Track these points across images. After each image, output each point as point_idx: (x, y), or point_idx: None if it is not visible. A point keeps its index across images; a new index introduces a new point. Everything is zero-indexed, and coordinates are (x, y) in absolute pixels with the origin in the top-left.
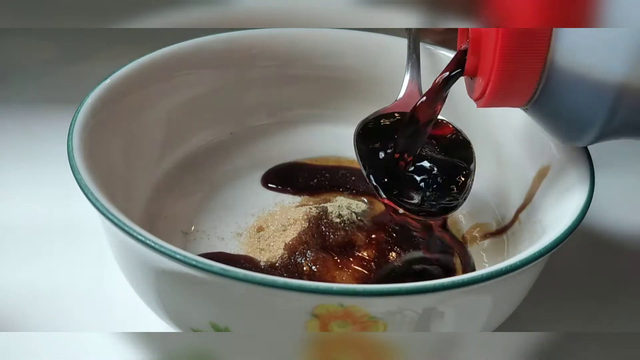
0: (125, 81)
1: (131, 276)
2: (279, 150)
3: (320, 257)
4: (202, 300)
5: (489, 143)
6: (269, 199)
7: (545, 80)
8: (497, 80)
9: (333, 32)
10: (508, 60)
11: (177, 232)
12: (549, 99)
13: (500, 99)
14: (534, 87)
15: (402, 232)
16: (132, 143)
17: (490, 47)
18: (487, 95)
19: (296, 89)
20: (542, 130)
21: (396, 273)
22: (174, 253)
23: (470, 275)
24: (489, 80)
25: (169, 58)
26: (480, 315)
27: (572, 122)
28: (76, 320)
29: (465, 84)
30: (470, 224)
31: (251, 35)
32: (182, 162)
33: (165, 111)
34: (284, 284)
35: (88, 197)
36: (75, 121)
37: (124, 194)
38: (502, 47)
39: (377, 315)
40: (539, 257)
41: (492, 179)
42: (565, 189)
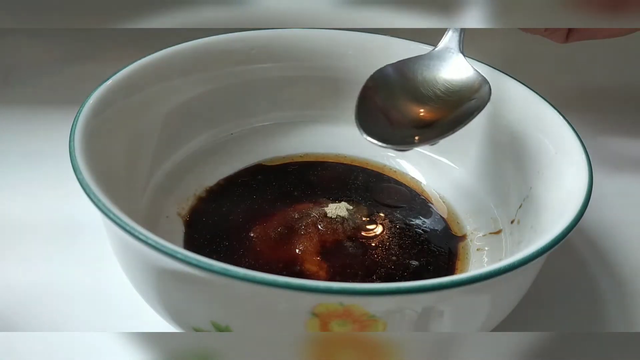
0: (127, 82)
1: (132, 275)
2: (279, 150)
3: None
4: (203, 299)
5: (488, 143)
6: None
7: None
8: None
9: (333, 33)
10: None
11: (178, 232)
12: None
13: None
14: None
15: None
16: (134, 143)
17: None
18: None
19: (296, 89)
20: (541, 130)
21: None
22: (175, 252)
23: (470, 274)
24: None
25: (170, 59)
26: (479, 315)
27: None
28: (77, 320)
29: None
30: (470, 223)
31: (251, 36)
32: (183, 162)
33: (166, 111)
34: (285, 283)
35: (90, 196)
36: (77, 121)
37: (125, 194)
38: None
39: (376, 314)
40: (538, 256)
41: (492, 178)
42: (564, 189)
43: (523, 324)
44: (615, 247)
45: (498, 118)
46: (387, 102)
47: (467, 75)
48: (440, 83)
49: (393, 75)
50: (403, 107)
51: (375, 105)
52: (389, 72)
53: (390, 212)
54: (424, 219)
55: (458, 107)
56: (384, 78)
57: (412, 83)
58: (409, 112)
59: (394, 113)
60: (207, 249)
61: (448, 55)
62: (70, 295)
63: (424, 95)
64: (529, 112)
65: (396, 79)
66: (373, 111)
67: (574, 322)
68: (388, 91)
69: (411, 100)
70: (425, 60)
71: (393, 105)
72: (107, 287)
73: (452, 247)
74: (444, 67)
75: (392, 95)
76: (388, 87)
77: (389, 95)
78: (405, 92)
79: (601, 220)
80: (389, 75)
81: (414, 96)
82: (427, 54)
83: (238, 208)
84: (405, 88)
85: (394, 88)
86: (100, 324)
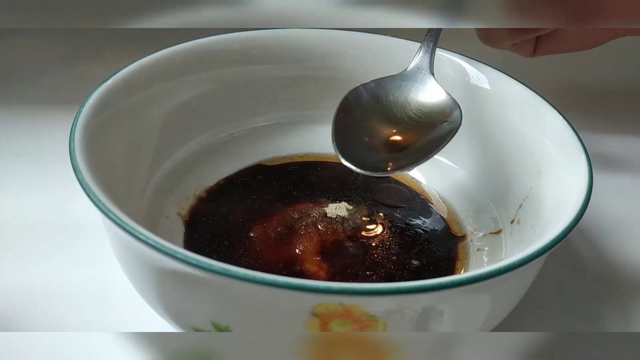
0: (127, 82)
1: (132, 275)
2: (279, 150)
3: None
4: (203, 299)
5: (488, 143)
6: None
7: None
8: None
9: (333, 33)
10: None
11: (178, 232)
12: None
13: None
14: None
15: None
16: (134, 143)
17: None
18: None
19: (296, 89)
20: (541, 130)
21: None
22: (175, 252)
23: (470, 274)
24: None
25: (169, 59)
26: (479, 315)
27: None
28: (77, 320)
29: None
30: (470, 223)
31: (251, 36)
32: (183, 162)
33: (166, 111)
34: (285, 283)
35: (90, 197)
36: (77, 121)
37: (125, 194)
38: None
39: (376, 314)
40: (538, 256)
41: (491, 179)
42: (564, 189)
43: (523, 324)
44: (615, 247)
45: (498, 118)
46: (361, 124)
47: (438, 98)
48: (412, 105)
49: (366, 97)
50: (377, 130)
51: (350, 128)
52: (362, 93)
53: (390, 212)
54: (424, 219)
55: (430, 131)
56: (357, 99)
57: (384, 105)
58: (383, 135)
59: (368, 135)
60: (207, 249)
61: (420, 77)
62: (70, 295)
63: (397, 118)
64: (529, 112)
65: (369, 100)
66: (349, 134)
67: (574, 322)
68: (362, 113)
69: (384, 122)
70: (397, 81)
71: (367, 127)
72: (107, 287)
73: (452, 247)
74: (416, 88)
75: (365, 117)
76: (361, 109)
77: (362, 117)
78: (379, 114)
79: (601, 220)
80: (361, 96)
81: (387, 118)
82: (399, 74)
83: (238, 208)
84: (378, 110)
85: (367, 110)
86: (100, 324)
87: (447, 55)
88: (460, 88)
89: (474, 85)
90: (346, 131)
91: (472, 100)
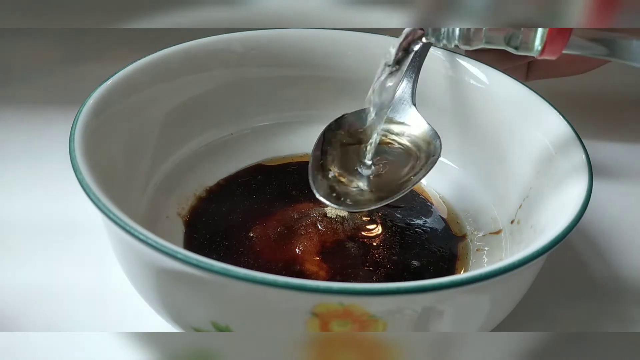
0: (127, 82)
1: (132, 275)
2: (279, 150)
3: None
4: (203, 299)
5: (488, 143)
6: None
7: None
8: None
9: (333, 33)
10: None
11: (178, 232)
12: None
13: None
14: None
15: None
16: (134, 143)
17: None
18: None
19: (296, 89)
20: (541, 130)
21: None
22: (175, 252)
23: (470, 274)
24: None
25: (169, 59)
26: (479, 315)
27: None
28: (77, 320)
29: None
30: (470, 223)
31: (251, 36)
32: (183, 162)
33: (166, 111)
34: (285, 283)
35: (89, 196)
36: (77, 121)
37: (125, 194)
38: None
39: (376, 314)
40: (538, 256)
41: (491, 179)
42: (564, 189)
43: (523, 324)
44: (615, 247)
45: (498, 118)
46: (340, 157)
47: (419, 129)
48: (393, 137)
49: (345, 129)
50: (355, 162)
51: (328, 161)
52: (341, 125)
53: (390, 212)
54: (424, 219)
55: (411, 162)
56: (335, 131)
57: (364, 137)
58: (362, 168)
59: (347, 169)
60: (207, 249)
61: (402, 107)
62: (70, 295)
63: (377, 150)
64: (529, 112)
65: (348, 133)
66: (327, 167)
67: (574, 322)
68: (340, 146)
69: (364, 154)
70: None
71: (346, 160)
72: (107, 287)
73: (452, 247)
74: (398, 118)
75: (344, 149)
76: (340, 141)
77: (341, 150)
78: (358, 146)
79: (601, 220)
80: (340, 128)
81: (366, 150)
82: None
83: (238, 208)
84: (357, 141)
85: (346, 142)
86: (100, 324)
87: (447, 55)
88: (460, 88)
89: (473, 85)
90: (324, 164)
91: (472, 100)
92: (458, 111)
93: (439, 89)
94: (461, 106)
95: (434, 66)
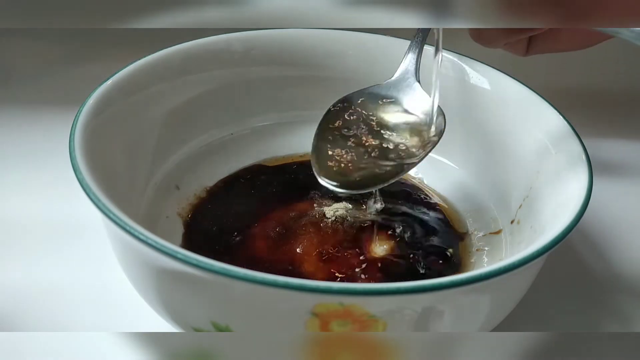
0: (127, 82)
1: (132, 275)
2: (278, 150)
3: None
4: (203, 299)
5: (488, 143)
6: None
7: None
8: None
9: (333, 33)
10: None
11: (177, 232)
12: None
13: None
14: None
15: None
16: (134, 143)
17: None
18: None
19: (296, 89)
20: (541, 130)
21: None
22: (174, 252)
23: (470, 274)
24: None
25: (169, 59)
26: (479, 315)
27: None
28: (77, 320)
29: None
30: (470, 223)
31: (251, 36)
32: (183, 162)
33: (166, 111)
34: (285, 283)
35: (89, 196)
36: (77, 121)
37: (125, 194)
38: None
39: (376, 314)
40: (538, 256)
41: (491, 179)
42: (564, 189)
43: (523, 324)
44: (615, 247)
45: (498, 118)
46: (342, 139)
47: (423, 105)
48: (396, 114)
49: (348, 109)
50: (360, 142)
51: (331, 142)
52: (347, 102)
53: (390, 211)
54: (424, 219)
55: (415, 138)
56: (339, 113)
57: (367, 116)
58: (367, 148)
59: (352, 148)
60: (206, 249)
61: (405, 84)
62: (70, 295)
63: (381, 128)
64: (529, 112)
65: (351, 113)
66: (329, 149)
67: (574, 322)
68: (344, 127)
69: (367, 134)
70: (382, 91)
71: (349, 142)
72: (107, 287)
73: (453, 247)
74: (401, 96)
75: (347, 131)
76: (343, 122)
77: (344, 131)
78: (361, 126)
79: (601, 220)
80: (344, 109)
81: (369, 130)
82: (385, 83)
83: (238, 208)
84: (360, 122)
85: (349, 123)
86: (100, 324)
87: (447, 56)
88: (460, 88)
89: (474, 85)
90: (325, 148)
91: (472, 100)
92: (458, 111)
93: (439, 89)
94: (461, 106)
95: (434, 66)
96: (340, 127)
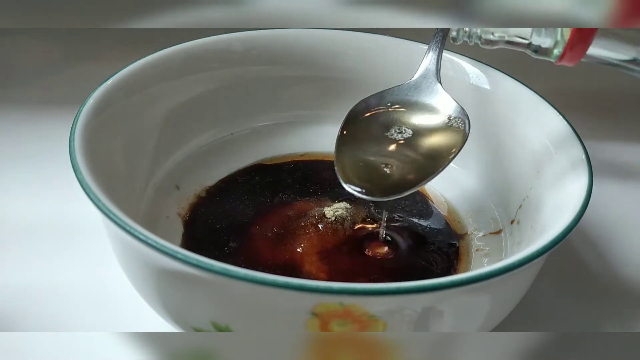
0: (127, 82)
1: (132, 275)
2: (278, 150)
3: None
4: (203, 299)
5: (488, 143)
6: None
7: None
8: None
9: (333, 33)
10: None
11: (177, 232)
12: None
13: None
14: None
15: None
16: (134, 143)
17: None
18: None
19: (296, 89)
20: (541, 130)
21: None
22: (175, 252)
23: (470, 274)
24: None
25: (169, 59)
26: (479, 314)
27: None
28: (77, 320)
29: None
30: (470, 223)
31: (251, 36)
32: (183, 162)
33: (166, 111)
34: (285, 283)
35: (89, 196)
36: (77, 121)
37: (125, 194)
38: None
39: (376, 314)
40: (538, 256)
41: (492, 179)
42: (564, 189)
43: (523, 324)
44: (615, 247)
45: (498, 118)
46: (365, 144)
47: (446, 108)
48: (419, 117)
49: (370, 112)
50: (382, 148)
51: (354, 148)
52: (366, 108)
53: (391, 211)
54: (424, 219)
55: (438, 142)
56: (360, 116)
57: (390, 119)
58: (389, 152)
59: (373, 155)
60: (206, 249)
61: (426, 86)
62: (70, 295)
63: (406, 130)
64: (530, 113)
65: (373, 116)
66: (352, 155)
67: (574, 322)
68: (366, 131)
69: (390, 139)
70: (404, 92)
71: (372, 146)
72: (107, 287)
73: (453, 247)
74: (424, 99)
75: (370, 135)
76: (366, 126)
77: (366, 136)
78: (383, 129)
79: (601, 220)
80: (365, 112)
81: (394, 133)
82: (406, 85)
83: (238, 208)
84: (382, 126)
85: (371, 127)
86: (100, 324)
87: (448, 56)
88: (461, 88)
89: (474, 85)
90: (349, 152)
91: (472, 100)
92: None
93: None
94: (461, 106)
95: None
96: (364, 131)
